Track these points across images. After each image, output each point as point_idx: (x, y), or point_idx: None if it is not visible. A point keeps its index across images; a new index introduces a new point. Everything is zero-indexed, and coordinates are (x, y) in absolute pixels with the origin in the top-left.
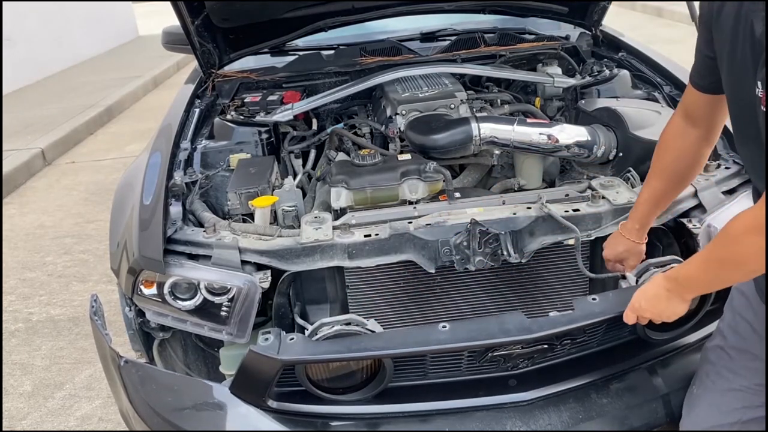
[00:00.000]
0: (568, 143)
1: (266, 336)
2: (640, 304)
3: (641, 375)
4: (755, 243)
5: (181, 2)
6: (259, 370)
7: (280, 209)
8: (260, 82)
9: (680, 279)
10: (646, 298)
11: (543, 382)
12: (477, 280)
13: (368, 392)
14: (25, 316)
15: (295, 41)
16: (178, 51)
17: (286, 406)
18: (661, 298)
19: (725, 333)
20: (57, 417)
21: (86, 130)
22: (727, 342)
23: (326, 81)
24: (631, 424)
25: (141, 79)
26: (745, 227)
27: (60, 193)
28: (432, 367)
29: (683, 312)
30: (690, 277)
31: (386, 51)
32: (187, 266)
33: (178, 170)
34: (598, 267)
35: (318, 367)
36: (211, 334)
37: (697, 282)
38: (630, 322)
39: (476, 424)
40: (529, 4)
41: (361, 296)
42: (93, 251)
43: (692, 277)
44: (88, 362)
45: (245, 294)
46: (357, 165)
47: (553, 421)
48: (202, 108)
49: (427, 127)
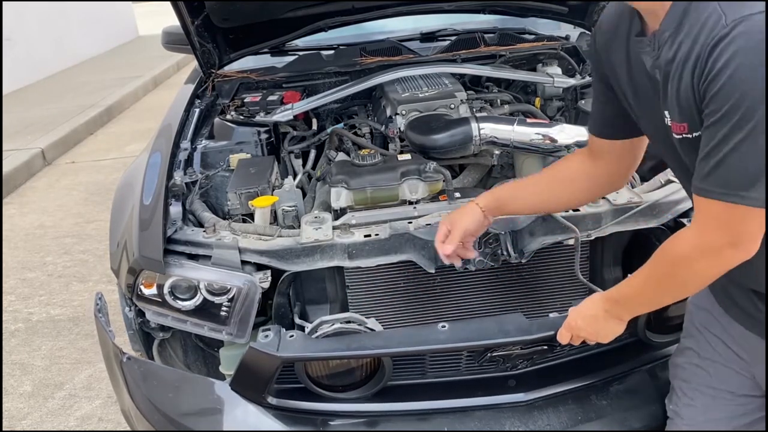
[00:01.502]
0: (568, 143)
1: (266, 333)
2: (577, 323)
3: (641, 377)
4: (698, 265)
5: (181, 2)
6: (258, 367)
7: (280, 209)
8: (260, 82)
9: (619, 299)
10: (582, 317)
11: (542, 383)
12: (477, 280)
13: (367, 390)
14: (25, 316)
15: (295, 41)
16: (178, 51)
17: (286, 403)
18: (598, 318)
19: (696, 350)
20: (57, 417)
21: (86, 130)
22: (701, 358)
23: (326, 81)
24: (630, 426)
25: (141, 79)
26: (690, 247)
27: (60, 193)
28: (431, 367)
29: (620, 332)
30: (629, 297)
31: (386, 51)
32: (187, 266)
33: (178, 170)
34: (598, 267)
35: (317, 365)
36: (211, 334)
37: (636, 303)
38: (564, 342)
39: (475, 424)
40: (529, 4)
41: (361, 296)
42: (93, 251)
43: (631, 298)
44: (88, 362)
45: (245, 294)
46: (357, 165)
47: (552, 422)
48: (202, 108)
49: (427, 127)
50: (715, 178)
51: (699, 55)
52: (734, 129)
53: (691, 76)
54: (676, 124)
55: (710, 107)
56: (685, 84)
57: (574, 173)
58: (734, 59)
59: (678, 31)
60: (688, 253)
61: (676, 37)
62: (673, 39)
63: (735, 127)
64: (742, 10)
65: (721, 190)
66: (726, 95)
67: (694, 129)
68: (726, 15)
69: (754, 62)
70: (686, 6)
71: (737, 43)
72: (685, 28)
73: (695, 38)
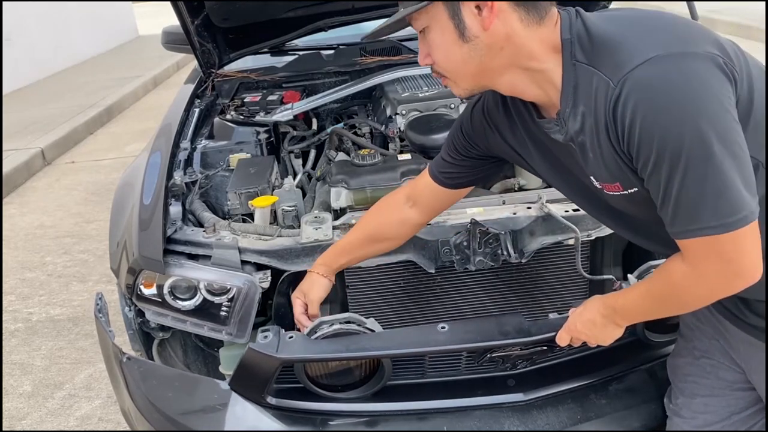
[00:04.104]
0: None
1: (265, 334)
2: (576, 326)
3: (640, 376)
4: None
5: (181, 2)
6: (258, 367)
7: (280, 209)
8: (260, 82)
9: (617, 308)
10: (582, 321)
11: (542, 383)
12: (477, 281)
13: (367, 390)
14: (25, 316)
15: (295, 41)
16: (178, 51)
17: (285, 403)
18: (596, 323)
19: (692, 347)
20: (57, 417)
21: (86, 130)
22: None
23: (326, 81)
24: (629, 425)
25: (141, 79)
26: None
27: (60, 193)
28: (431, 367)
29: (618, 335)
30: (627, 307)
31: (386, 51)
32: (186, 266)
33: (178, 170)
34: (598, 267)
35: (317, 365)
36: (211, 334)
37: (633, 313)
38: (563, 344)
39: (474, 424)
40: None
41: (361, 296)
42: (93, 251)
43: (629, 308)
44: (88, 362)
45: (245, 294)
46: (357, 165)
47: (552, 422)
48: (201, 108)
49: (427, 127)
50: (682, 219)
51: (606, 122)
52: (671, 172)
53: (608, 142)
54: (608, 184)
55: (640, 162)
56: (607, 151)
57: (392, 230)
58: (637, 113)
59: (576, 105)
60: (687, 283)
61: (576, 111)
62: (575, 113)
63: (671, 170)
64: (621, 70)
65: (694, 227)
66: (647, 146)
67: (628, 186)
68: (611, 79)
69: (654, 108)
70: (575, 83)
71: (632, 100)
72: (582, 101)
73: (595, 109)
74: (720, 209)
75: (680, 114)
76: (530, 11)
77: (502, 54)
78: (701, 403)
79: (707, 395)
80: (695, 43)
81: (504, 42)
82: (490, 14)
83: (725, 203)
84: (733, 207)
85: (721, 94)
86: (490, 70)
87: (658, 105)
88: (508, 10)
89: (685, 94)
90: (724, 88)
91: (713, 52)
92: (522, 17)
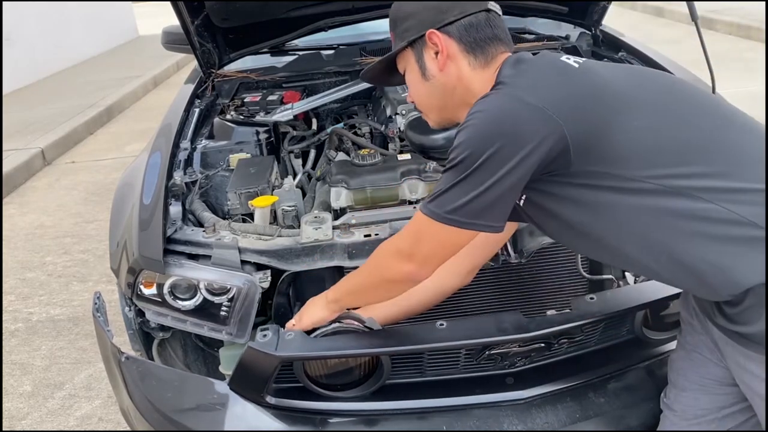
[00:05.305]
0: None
1: (264, 333)
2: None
3: (639, 374)
4: (398, 268)
5: (181, 2)
6: (257, 366)
7: (280, 209)
8: (260, 82)
9: (335, 287)
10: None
11: (540, 381)
12: (476, 280)
13: (366, 389)
14: (25, 316)
15: (295, 41)
16: (178, 51)
17: (285, 403)
18: (315, 302)
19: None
20: (57, 417)
21: (86, 130)
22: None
23: (326, 81)
24: (628, 424)
25: (141, 79)
26: (390, 253)
27: (60, 193)
28: (429, 365)
29: (321, 318)
30: (340, 287)
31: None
32: (186, 266)
33: (178, 170)
34: (597, 267)
35: (316, 364)
36: (211, 334)
37: (343, 291)
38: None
39: (473, 422)
40: (529, 4)
41: None
42: (93, 251)
43: (341, 287)
44: (88, 362)
45: (245, 294)
46: (357, 165)
47: (550, 420)
48: (201, 108)
49: (427, 127)
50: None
51: None
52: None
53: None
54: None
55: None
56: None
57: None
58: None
59: None
60: (389, 255)
61: None
62: None
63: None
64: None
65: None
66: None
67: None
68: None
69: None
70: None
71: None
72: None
73: None
74: (445, 202)
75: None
76: (478, 57)
77: (455, 92)
78: (691, 396)
79: (696, 389)
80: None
81: (456, 82)
82: (443, 58)
83: (452, 202)
84: (449, 205)
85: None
86: (451, 106)
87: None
88: (459, 56)
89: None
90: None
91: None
92: (470, 62)
